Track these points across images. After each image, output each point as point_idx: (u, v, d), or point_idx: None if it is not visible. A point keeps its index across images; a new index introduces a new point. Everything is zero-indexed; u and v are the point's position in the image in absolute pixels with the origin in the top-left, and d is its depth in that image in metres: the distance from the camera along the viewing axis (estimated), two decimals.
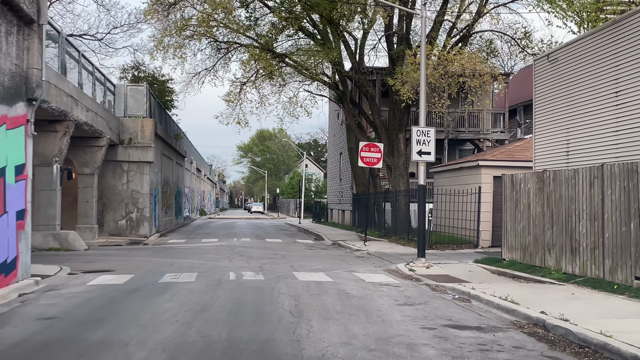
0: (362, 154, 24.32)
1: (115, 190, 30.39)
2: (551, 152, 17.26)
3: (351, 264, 18.25)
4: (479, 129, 35.37)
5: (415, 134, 16.96)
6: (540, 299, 10.87)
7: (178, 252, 21.69)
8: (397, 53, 26.56)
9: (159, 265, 17.32)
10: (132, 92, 31.35)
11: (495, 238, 23.16)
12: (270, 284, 13.20)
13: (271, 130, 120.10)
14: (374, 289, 12.69)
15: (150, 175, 31.10)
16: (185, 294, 11.71)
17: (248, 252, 21.56)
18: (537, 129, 18.09)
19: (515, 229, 16.15)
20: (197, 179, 66.00)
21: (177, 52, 25.29)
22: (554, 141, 17.13)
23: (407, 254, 20.86)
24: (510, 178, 16.47)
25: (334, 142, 49.31)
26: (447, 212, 24.99)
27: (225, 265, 17.22)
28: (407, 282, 14.24)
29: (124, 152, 30.36)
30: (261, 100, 28.23)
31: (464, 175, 24.97)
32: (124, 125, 30.46)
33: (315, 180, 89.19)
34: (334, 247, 25.35)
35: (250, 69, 26.37)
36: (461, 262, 18.09)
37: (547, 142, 17.55)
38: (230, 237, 31.26)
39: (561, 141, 16.69)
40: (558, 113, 17.02)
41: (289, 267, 16.73)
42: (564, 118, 16.68)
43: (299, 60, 26.42)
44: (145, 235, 29.83)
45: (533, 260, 15.21)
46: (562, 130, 16.70)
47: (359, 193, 34.60)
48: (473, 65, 21.93)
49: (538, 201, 14.96)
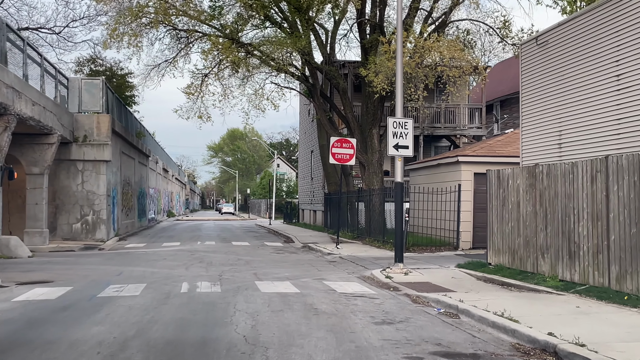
0: (334, 150, 22.58)
1: (69, 192, 28.27)
2: (541, 145, 15.69)
3: (322, 270, 16.52)
4: (455, 125, 33.88)
5: (391, 126, 15.27)
6: (541, 314, 9.25)
7: (132, 259, 19.76)
8: (371, 42, 24.86)
9: (106, 274, 15.43)
10: (87, 86, 29.24)
11: (476, 239, 21.63)
12: (227, 297, 11.40)
13: (242, 129, 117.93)
14: (347, 302, 10.96)
15: (108, 175, 29.02)
16: (122, 312, 9.86)
17: (209, 258, 19.69)
18: (525, 120, 16.52)
19: (503, 230, 14.56)
20: (163, 180, 63.72)
21: (133, 41, 23.24)
22: (545, 133, 15.57)
23: (382, 258, 19.21)
24: (497, 174, 14.87)
25: (305, 140, 47.57)
26: (424, 211, 23.38)
27: (180, 274, 15.36)
28: (385, 292, 12.54)
29: (79, 151, 28.24)
30: (224, 93, 26.29)
31: (442, 172, 23.40)
32: (79, 122, 28.35)
33: (287, 180, 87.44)
34: (304, 251, 23.59)
35: (212, 58, 24.41)
36: (442, 267, 16.46)
37: (536, 134, 15.98)
38: (194, 240, 29.31)
39: (553, 133, 15.12)
40: (549, 102, 15.45)
41: (252, 275, 14.94)
42: (555, 107, 15.11)
43: (264, 50, 24.55)
44: (102, 240, 27.77)
45: (524, 265, 13.61)
46: (553, 121, 15.14)
47: (331, 192, 32.89)
48: (452, 53, 20.30)
49: (529, 199, 13.37)
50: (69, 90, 28.77)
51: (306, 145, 46.88)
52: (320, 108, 28.22)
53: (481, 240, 21.43)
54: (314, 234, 32.63)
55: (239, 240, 29.70)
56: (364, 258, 19.38)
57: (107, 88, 30.13)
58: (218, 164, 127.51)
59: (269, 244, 27.30)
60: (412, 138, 15.46)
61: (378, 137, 26.51)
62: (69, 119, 27.38)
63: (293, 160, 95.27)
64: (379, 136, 26.57)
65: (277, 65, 24.78)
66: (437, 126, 33.70)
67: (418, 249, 21.22)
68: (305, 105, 43.37)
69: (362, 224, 27.57)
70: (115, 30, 22.79)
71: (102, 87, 29.09)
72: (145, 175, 45.51)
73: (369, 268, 16.55)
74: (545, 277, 12.57)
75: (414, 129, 29.63)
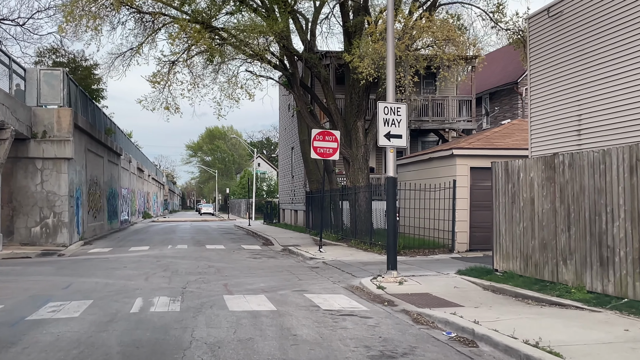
0: (315, 143, 20.46)
1: (27, 192, 25.82)
2: (555, 132, 13.67)
3: (303, 279, 14.39)
4: (444, 118, 31.89)
5: (382, 112, 13.17)
6: (584, 341, 7.20)
7: (89, 267, 17.48)
8: (355, 25, 22.72)
9: (51, 287, 13.21)
10: (47, 77, 26.78)
11: (474, 241, 19.67)
12: (185, 320, 9.22)
13: (221, 128, 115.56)
14: (334, 325, 8.85)
15: (70, 173, 26.62)
16: (45, 345, 7.66)
17: (176, 265, 17.47)
18: (535, 105, 14.48)
19: (513, 231, 12.53)
20: (138, 180, 61.13)
21: (92, 24, 20.87)
22: (560, 118, 13.55)
23: (370, 263, 17.14)
24: (504, 166, 12.84)
25: (285, 136, 45.40)
26: (415, 210, 21.36)
27: (137, 286, 13.15)
28: (378, 307, 10.45)
29: (37, 148, 25.80)
30: (194, 82, 23.95)
31: (435, 167, 21.37)
32: (37, 116, 25.91)
33: (268, 179, 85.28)
34: (283, 255, 21.43)
35: (181, 43, 22.06)
36: (440, 274, 14.42)
37: (549, 120, 13.95)
38: (164, 244, 27.01)
39: (570, 117, 13.10)
40: (565, 82, 13.42)
41: (222, 288, 12.78)
42: (573, 88, 13.08)
43: (238, 35, 22.29)
44: (63, 244, 25.37)
45: (540, 273, 11.59)
46: (570, 104, 13.11)
47: (313, 191, 30.73)
48: (446, 34, 18.23)
49: (546, 195, 11.35)
50: (27, 82, 26.33)
51: (286, 142, 44.73)
52: (300, 99, 26.06)
53: (479, 242, 19.50)
54: (294, 235, 30.48)
55: (214, 243, 27.46)
56: (350, 263, 17.28)
57: (69, 80, 27.76)
58: (197, 164, 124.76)
59: (246, 247, 25.11)
60: (405, 126, 13.39)
61: (363, 130, 24.42)
62: (26, 113, 24.96)
63: (274, 159, 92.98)
64: (364, 129, 24.49)
65: (252, 52, 22.55)
66: (424, 119, 31.71)
67: (410, 252, 19.18)
68: (285, 96, 41.22)
69: (347, 225, 25.48)
70: (72, 12, 20.43)
71: (62, 78, 26.67)
72: (117, 175, 43.03)
73: (356, 276, 14.46)
74: (569, 287, 10.55)
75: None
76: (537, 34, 14.52)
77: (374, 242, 21.13)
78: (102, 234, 34.47)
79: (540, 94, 14.33)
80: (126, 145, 50.06)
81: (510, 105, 35.34)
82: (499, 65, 39.34)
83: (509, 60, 37.83)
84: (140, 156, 64.79)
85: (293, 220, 41.91)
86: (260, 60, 23.10)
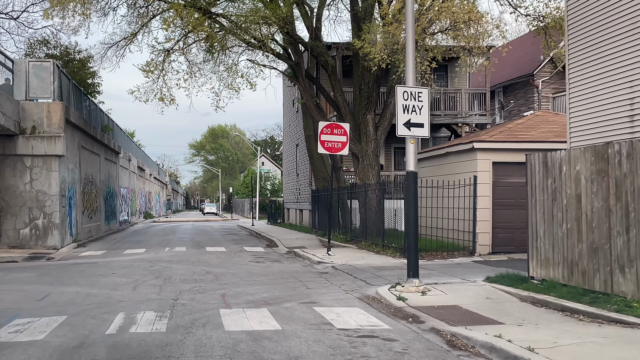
0: (323, 137, 18.78)
1: (15, 192, 24.21)
2: (601, 118, 11.96)
3: (311, 287, 12.74)
4: (456, 112, 30.15)
5: (401, 97, 11.50)
6: None
7: (74, 273, 15.84)
8: (365, 9, 21.03)
9: (25, 298, 11.62)
10: (36, 69, 25.14)
11: (496, 242, 18.00)
12: (170, 345, 7.57)
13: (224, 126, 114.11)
14: (353, 351, 7.20)
15: (62, 171, 25.01)
16: None
17: (169, 271, 15.83)
18: (574, 87, 12.76)
19: (554, 233, 10.85)
20: (139, 179, 59.53)
21: (79, 9, 19.25)
22: (606, 103, 11.83)
23: (385, 267, 15.52)
24: (542, 158, 11.16)
25: (290, 133, 43.74)
26: (430, 209, 19.65)
27: (122, 297, 11.51)
28: (402, 325, 8.79)
29: (26, 144, 24.17)
30: (191, 71, 22.27)
31: (452, 162, 19.69)
32: (26, 111, 24.28)
33: (272, 177, 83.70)
34: (289, 258, 19.77)
35: (176, 28, 20.35)
36: (466, 281, 12.77)
37: (593, 104, 12.21)
38: (162, 246, 25.37)
39: (620, 101, 11.39)
40: (613, 61, 11.67)
41: (218, 299, 11.14)
42: (624, 67, 11.34)
43: (238, 21, 20.60)
44: (54, 247, 23.77)
45: (589, 283, 9.91)
46: (622, 85, 11.38)
47: (319, 189, 29.04)
48: (467, 14, 16.53)
49: (597, 191, 9.67)
50: (15, 74, 24.71)
51: (291, 139, 43.08)
52: (306, 91, 24.37)
53: (502, 244, 17.87)
54: (300, 236, 28.81)
55: (215, 245, 25.82)
56: (362, 268, 15.62)
57: (60, 72, 26.14)
58: (200, 163, 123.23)
59: (248, 249, 23.46)
60: (427, 113, 11.73)
61: (374, 124, 22.74)
62: (13, 107, 23.34)
63: (278, 158, 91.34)
64: (374, 123, 22.81)
65: (254, 39, 20.88)
66: (436, 113, 29.94)
67: (427, 255, 17.50)
68: (289, 88, 39.49)
69: (356, 225, 23.81)
70: None
71: (53, 70, 25.06)
72: (115, 174, 41.43)
73: (371, 283, 12.82)
74: (627, 300, 8.88)
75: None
76: (578, 7, 12.78)
77: (386, 243, 19.48)
78: (99, 236, 32.89)
79: (581, 76, 12.60)
80: (126, 144, 48.49)
81: (525, 99, 33.64)
82: (512, 58, 37.61)
83: (522, 53, 36.14)
84: (141, 155, 63.24)
85: (298, 219, 40.29)
86: (262, 48, 21.39)
